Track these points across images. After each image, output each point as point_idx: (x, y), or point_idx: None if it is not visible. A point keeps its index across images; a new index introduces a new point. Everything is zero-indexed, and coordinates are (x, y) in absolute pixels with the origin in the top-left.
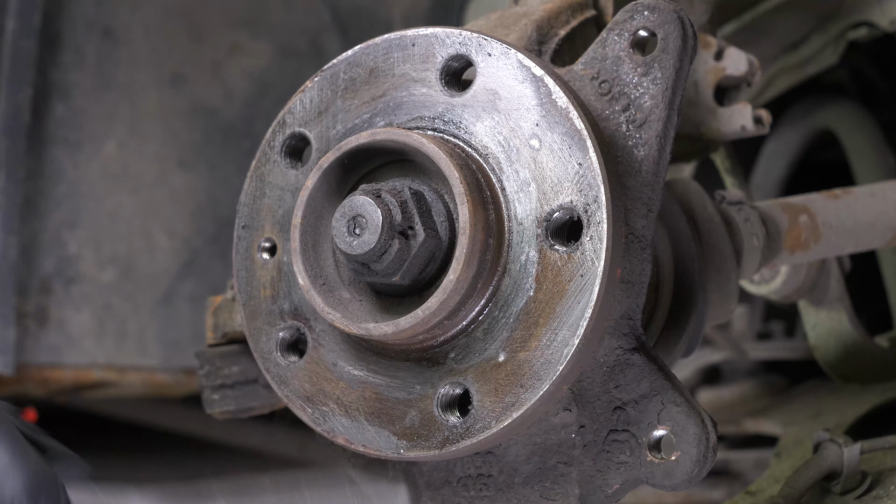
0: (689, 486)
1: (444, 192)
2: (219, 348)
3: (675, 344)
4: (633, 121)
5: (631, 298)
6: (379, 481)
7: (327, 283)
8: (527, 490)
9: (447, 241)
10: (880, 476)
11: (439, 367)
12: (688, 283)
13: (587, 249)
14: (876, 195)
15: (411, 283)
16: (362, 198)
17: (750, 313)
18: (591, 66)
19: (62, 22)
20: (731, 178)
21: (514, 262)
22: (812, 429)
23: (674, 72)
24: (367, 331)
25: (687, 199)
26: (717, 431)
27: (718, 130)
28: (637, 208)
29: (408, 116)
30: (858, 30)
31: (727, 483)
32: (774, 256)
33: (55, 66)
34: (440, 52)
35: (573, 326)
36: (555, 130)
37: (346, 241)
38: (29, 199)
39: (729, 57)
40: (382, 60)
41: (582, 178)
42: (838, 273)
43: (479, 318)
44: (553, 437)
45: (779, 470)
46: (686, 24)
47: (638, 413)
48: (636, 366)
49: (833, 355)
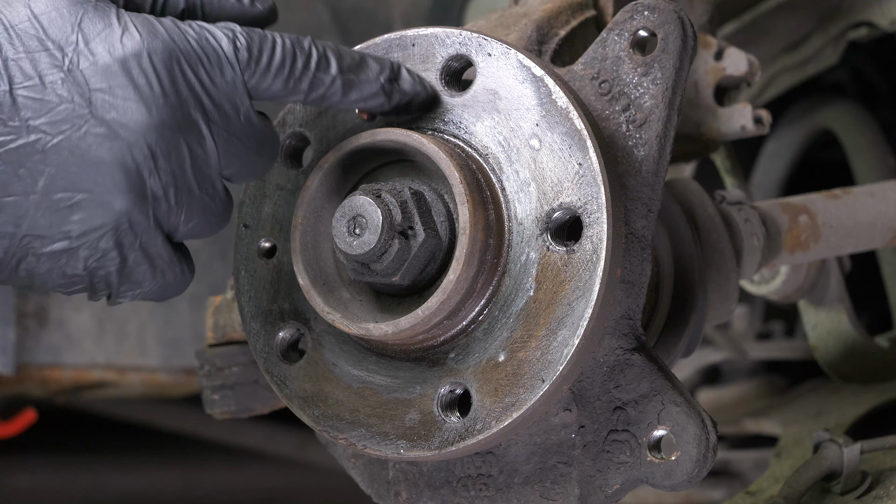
0: (690, 486)
1: (444, 192)
2: (219, 348)
3: (675, 344)
4: (633, 121)
5: (631, 298)
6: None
7: (327, 283)
8: (527, 490)
9: (447, 241)
10: (880, 476)
11: (439, 367)
12: (688, 283)
13: (587, 249)
14: (876, 195)
15: (411, 283)
16: (362, 198)
17: (750, 313)
18: (591, 66)
19: None
20: (731, 178)
21: (515, 262)
22: (812, 429)
23: (674, 72)
24: (367, 331)
25: (687, 199)
26: (717, 431)
27: (718, 130)
28: (637, 208)
29: (408, 116)
30: (858, 30)
31: (727, 483)
32: (774, 256)
33: None
34: (440, 52)
35: (573, 326)
36: (555, 130)
37: (346, 241)
38: None
39: (729, 57)
40: None
41: (582, 178)
42: (838, 273)
43: (479, 318)
44: (553, 437)
45: (779, 470)
46: (686, 24)
47: (638, 413)
48: (636, 366)
49: (833, 355)
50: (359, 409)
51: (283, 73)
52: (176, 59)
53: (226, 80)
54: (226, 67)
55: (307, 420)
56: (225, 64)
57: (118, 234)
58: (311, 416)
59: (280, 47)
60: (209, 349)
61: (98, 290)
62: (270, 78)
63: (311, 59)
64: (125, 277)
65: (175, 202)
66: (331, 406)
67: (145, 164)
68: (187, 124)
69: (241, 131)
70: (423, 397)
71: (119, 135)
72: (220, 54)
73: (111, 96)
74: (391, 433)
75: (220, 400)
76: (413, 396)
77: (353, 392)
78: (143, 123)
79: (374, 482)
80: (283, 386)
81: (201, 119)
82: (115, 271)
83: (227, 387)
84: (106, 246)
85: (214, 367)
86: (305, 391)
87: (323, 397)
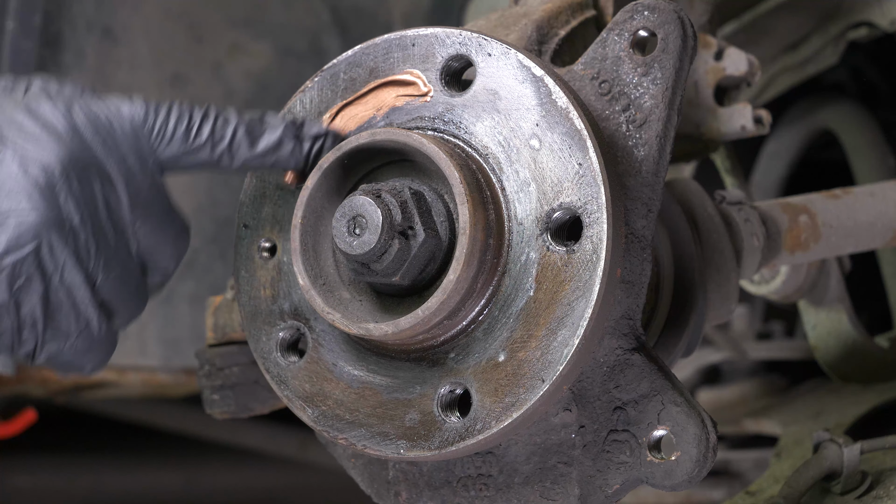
0: (690, 486)
1: (444, 192)
2: (219, 348)
3: (675, 344)
4: (633, 121)
5: (631, 298)
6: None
7: (327, 283)
8: (527, 490)
9: (447, 241)
10: (880, 476)
11: (439, 367)
12: (688, 283)
13: (587, 249)
14: (876, 195)
15: (411, 283)
16: (362, 198)
17: (750, 313)
18: (591, 66)
19: (62, 22)
20: (731, 178)
21: (514, 262)
22: (812, 429)
23: (674, 72)
24: (367, 331)
25: (687, 199)
26: (717, 431)
27: (718, 130)
28: (637, 208)
29: (408, 116)
30: (858, 30)
31: (727, 483)
32: (774, 256)
33: (55, 66)
34: (440, 52)
35: (573, 326)
36: (555, 130)
37: (346, 241)
38: None
39: (729, 57)
40: (382, 60)
41: (582, 178)
42: (838, 273)
43: (479, 318)
44: (553, 437)
45: (779, 470)
46: (686, 24)
47: (638, 413)
48: (636, 366)
49: (833, 355)
50: (359, 409)
51: (182, 127)
52: (81, 107)
53: (125, 134)
54: (126, 123)
55: (307, 420)
56: (126, 121)
57: (39, 258)
58: (311, 416)
59: (176, 105)
60: (209, 349)
61: (24, 324)
62: (170, 134)
63: (209, 114)
64: (50, 318)
65: (92, 237)
66: (331, 406)
67: (60, 184)
68: (97, 165)
69: (149, 191)
70: (423, 397)
71: (32, 157)
72: (122, 113)
73: (20, 133)
74: (391, 433)
75: (220, 400)
76: (413, 396)
77: (353, 392)
78: (56, 152)
79: (374, 482)
80: (283, 386)
81: (108, 163)
82: (40, 303)
83: (227, 387)
84: (29, 270)
85: (214, 367)
86: (305, 391)
87: (323, 397)
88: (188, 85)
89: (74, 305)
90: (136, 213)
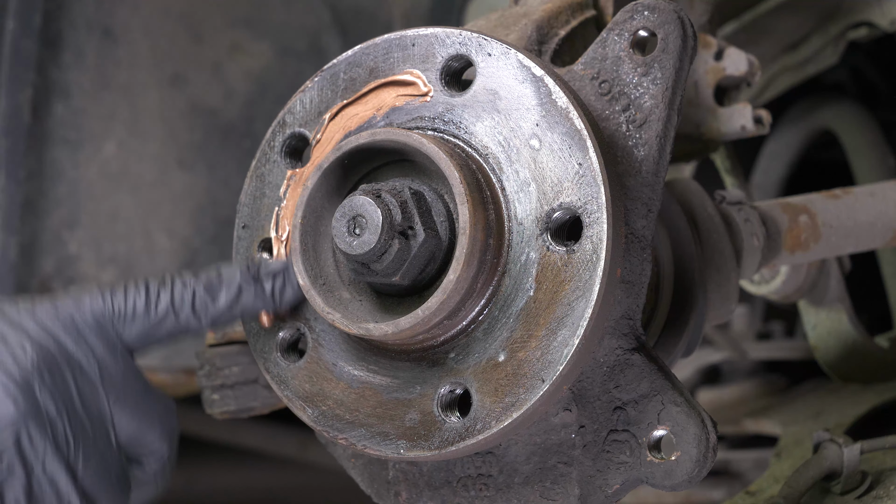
0: (689, 486)
1: (444, 192)
2: (219, 348)
3: (675, 344)
4: (633, 121)
5: (631, 298)
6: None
7: (327, 283)
8: (527, 490)
9: (447, 241)
10: (880, 476)
11: (439, 367)
12: (688, 283)
13: (587, 249)
14: (876, 195)
15: (411, 283)
16: (362, 198)
17: (750, 313)
18: (591, 66)
19: (62, 22)
20: (731, 178)
21: (515, 262)
22: (812, 429)
23: (674, 72)
24: (367, 331)
25: (687, 199)
26: (717, 431)
27: (718, 130)
28: (637, 208)
29: (408, 116)
30: (858, 30)
31: (727, 483)
32: (774, 256)
33: (55, 66)
34: (440, 52)
35: (573, 326)
36: (555, 130)
37: (346, 241)
38: (29, 199)
39: (729, 57)
40: (382, 60)
41: (582, 178)
42: (838, 273)
43: (479, 318)
44: (553, 437)
45: (779, 470)
46: (686, 24)
47: (638, 413)
48: (636, 366)
49: (833, 355)
50: (359, 409)
51: (140, 303)
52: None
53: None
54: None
55: (307, 420)
56: (87, 312)
57: (20, 447)
58: (311, 416)
59: (132, 284)
60: (209, 349)
61: None
62: (130, 313)
63: (166, 282)
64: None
65: (69, 426)
66: (331, 406)
67: (34, 377)
68: (67, 356)
69: (123, 376)
70: (423, 397)
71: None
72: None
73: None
74: (391, 433)
75: (220, 400)
76: (413, 396)
77: (353, 392)
78: (27, 348)
79: (374, 482)
80: (283, 386)
81: (77, 354)
82: (23, 492)
83: (227, 387)
84: (10, 459)
85: (214, 367)
86: (305, 391)
87: (323, 397)
88: (188, 85)
89: (58, 495)
90: (112, 398)
